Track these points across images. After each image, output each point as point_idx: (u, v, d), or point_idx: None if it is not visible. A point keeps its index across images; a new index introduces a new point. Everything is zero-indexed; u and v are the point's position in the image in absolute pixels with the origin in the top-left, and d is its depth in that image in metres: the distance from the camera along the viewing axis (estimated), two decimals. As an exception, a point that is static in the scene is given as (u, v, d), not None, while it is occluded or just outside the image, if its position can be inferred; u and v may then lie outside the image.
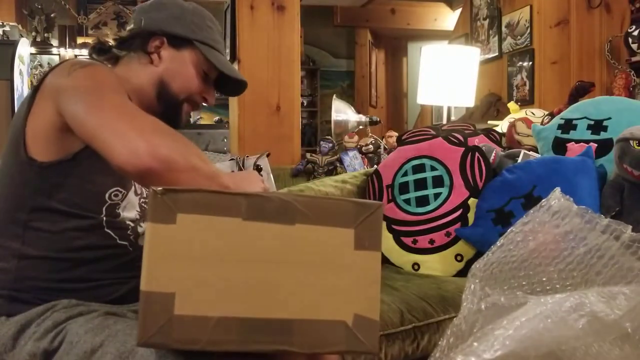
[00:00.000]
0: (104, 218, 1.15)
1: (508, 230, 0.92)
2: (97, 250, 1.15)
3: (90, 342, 0.99)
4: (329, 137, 3.21)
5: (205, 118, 6.92)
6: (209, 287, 0.84)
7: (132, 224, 1.20)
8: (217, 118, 6.90)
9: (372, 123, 3.29)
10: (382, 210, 0.90)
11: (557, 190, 0.94)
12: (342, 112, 3.26)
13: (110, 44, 1.30)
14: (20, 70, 4.17)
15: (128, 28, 1.30)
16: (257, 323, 0.85)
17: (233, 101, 3.50)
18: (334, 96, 3.35)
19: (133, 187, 1.19)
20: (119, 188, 1.16)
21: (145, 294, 0.82)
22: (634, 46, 3.62)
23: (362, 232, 0.88)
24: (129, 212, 1.19)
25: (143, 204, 1.23)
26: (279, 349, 0.86)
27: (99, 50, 1.31)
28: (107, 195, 1.15)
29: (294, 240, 0.86)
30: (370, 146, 3.08)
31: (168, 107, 1.26)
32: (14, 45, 4.09)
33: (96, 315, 1.06)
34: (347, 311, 0.87)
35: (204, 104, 1.34)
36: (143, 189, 1.22)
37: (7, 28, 4.54)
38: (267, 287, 0.85)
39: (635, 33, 3.61)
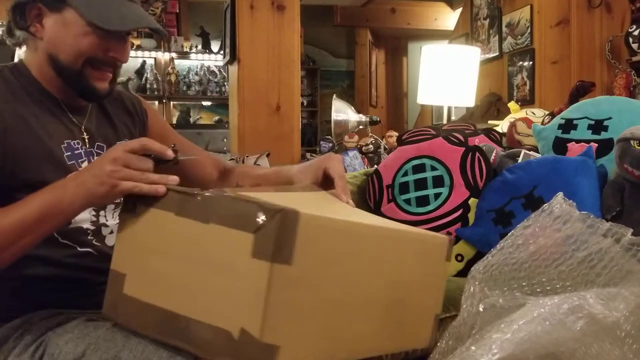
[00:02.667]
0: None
1: (509, 234, 0.92)
2: (59, 264, 1.11)
3: (72, 353, 0.96)
4: (329, 137, 3.21)
5: (205, 118, 6.92)
6: (146, 274, 0.92)
7: (91, 227, 1.15)
8: (217, 118, 6.90)
9: (372, 123, 3.29)
10: (293, 218, 0.78)
11: (560, 195, 0.93)
12: (342, 112, 3.26)
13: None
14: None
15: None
16: (171, 316, 0.87)
17: (233, 101, 3.49)
18: (334, 96, 3.34)
19: None
20: None
21: (111, 271, 0.95)
22: (635, 46, 3.61)
23: (262, 238, 0.78)
24: (81, 214, 1.09)
25: None
26: (182, 347, 0.87)
27: (9, 31, 1.18)
28: None
29: (204, 240, 0.86)
30: (371, 146, 3.08)
31: (72, 82, 1.13)
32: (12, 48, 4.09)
33: (75, 324, 1.02)
34: (234, 322, 0.80)
35: (117, 62, 1.16)
36: None
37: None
38: (180, 283, 0.88)
39: (636, 33, 3.60)
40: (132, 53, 6.36)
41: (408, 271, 1.01)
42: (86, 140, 1.18)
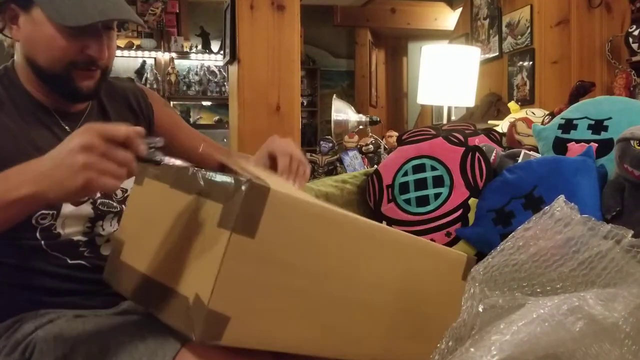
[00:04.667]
0: (43, 242, 1.06)
1: (509, 236, 0.92)
2: (49, 275, 1.08)
3: (61, 348, 0.95)
4: (329, 137, 3.20)
5: (205, 118, 6.92)
6: (138, 242, 0.98)
7: (83, 238, 1.10)
8: (217, 118, 6.90)
9: (372, 123, 3.28)
10: (262, 192, 0.78)
11: (561, 197, 0.93)
12: (342, 112, 3.25)
13: None
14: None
15: None
16: (150, 283, 0.91)
17: (233, 101, 3.49)
18: (334, 96, 3.34)
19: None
20: (43, 211, 1.04)
21: (114, 238, 1.06)
22: (635, 46, 3.61)
23: (228, 208, 0.79)
24: (71, 227, 1.08)
25: (100, 206, 1.12)
26: (154, 314, 0.89)
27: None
28: (33, 221, 1.04)
29: (186, 210, 0.89)
30: (371, 146, 3.07)
31: (54, 84, 1.06)
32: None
33: (64, 321, 1.01)
34: (193, 288, 0.80)
35: (96, 61, 1.06)
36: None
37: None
38: (161, 252, 0.92)
39: (636, 33, 3.60)
40: (132, 53, 6.37)
41: (420, 282, 1.01)
42: None
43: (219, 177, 0.85)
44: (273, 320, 0.84)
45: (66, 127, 1.12)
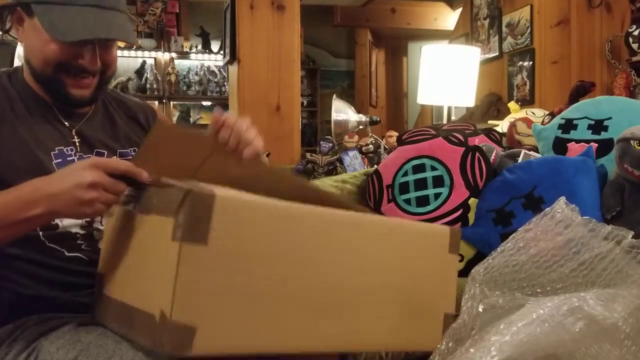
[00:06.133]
0: (41, 233, 1.08)
1: (510, 237, 0.92)
2: (47, 267, 1.09)
3: (64, 359, 0.96)
4: (329, 137, 3.20)
5: (205, 118, 6.91)
6: (112, 270, 0.99)
7: (81, 231, 1.12)
8: (217, 118, 6.89)
9: (372, 123, 3.28)
10: (207, 198, 0.79)
11: (562, 199, 0.93)
12: (342, 112, 3.25)
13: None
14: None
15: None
16: (123, 308, 0.92)
17: (233, 101, 3.49)
18: (334, 96, 3.34)
19: None
20: None
21: (97, 274, 1.03)
22: (635, 46, 3.61)
23: (178, 220, 0.80)
24: (70, 219, 1.10)
25: None
26: (130, 337, 0.92)
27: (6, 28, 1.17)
28: None
29: (145, 230, 0.91)
30: (371, 146, 3.07)
31: (46, 87, 1.13)
32: (13, 45, 4.10)
33: (67, 330, 1.02)
34: (156, 305, 0.81)
35: (87, 70, 1.11)
36: None
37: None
38: (130, 275, 0.94)
39: (636, 33, 3.60)
40: (132, 53, 6.37)
41: (402, 263, 0.98)
42: (77, 144, 1.16)
43: (167, 191, 0.86)
44: (241, 324, 0.84)
45: (65, 123, 1.17)
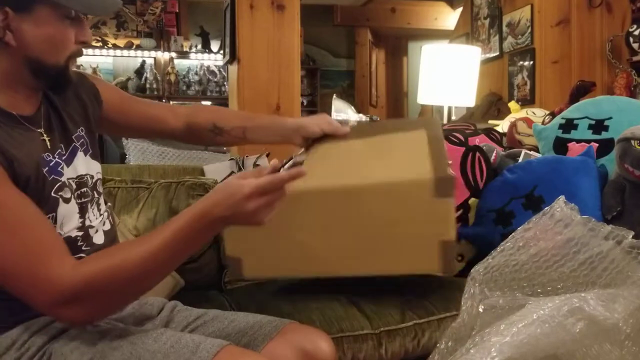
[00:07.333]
0: None
1: (509, 236, 0.91)
2: None
3: None
4: (329, 136, 3.19)
5: (206, 118, 6.90)
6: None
7: (79, 233, 1.11)
8: (217, 118, 6.89)
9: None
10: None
11: (561, 198, 0.93)
12: (342, 111, 3.25)
13: None
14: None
15: None
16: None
17: (233, 101, 3.49)
18: (334, 96, 3.33)
19: (60, 199, 1.07)
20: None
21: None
22: (635, 46, 3.60)
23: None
24: (69, 224, 1.09)
25: (78, 200, 1.11)
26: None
27: None
28: None
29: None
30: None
31: (52, 78, 1.09)
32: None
33: (79, 332, 1.01)
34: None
35: (87, 46, 1.13)
36: (72, 182, 1.10)
37: None
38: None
39: (636, 32, 3.60)
40: (132, 53, 6.37)
41: (388, 213, 1.18)
42: (49, 146, 1.10)
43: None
44: (274, 254, 1.25)
45: (35, 130, 1.10)
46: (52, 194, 1.05)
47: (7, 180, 0.96)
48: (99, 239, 1.15)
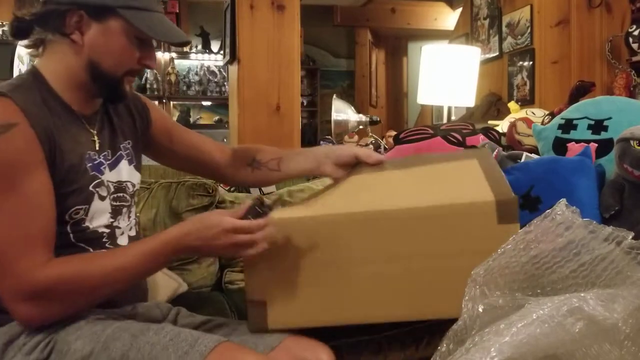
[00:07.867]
0: (71, 234, 1.12)
1: (510, 238, 0.91)
2: None
3: (81, 351, 1.00)
4: (329, 137, 3.21)
5: (205, 118, 6.91)
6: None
7: (106, 230, 1.17)
8: (217, 118, 6.90)
9: (372, 123, 3.28)
10: None
11: (563, 201, 0.93)
12: (342, 111, 3.25)
13: (28, 19, 1.12)
14: (20, 70, 4.17)
15: (42, 0, 1.11)
16: None
17: (233, 101, 3.49)
18: (334, 96, 3.34)
19: (96, 195, 1.14)
20: (78, 207, 1.11)
21: None
22: (635, 46, 3.61)
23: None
24: (99, 220, 1.15)
25: (114, 202, 1.18)
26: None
27: (20, 30, 1.14)
28: (67, 216, 1.10)
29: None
30: (371, 146, 3.08)
31: (107, 87, 1.16)
32: (13, 45, 4.10)
33: (84, 323, 1.05)
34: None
35: (149, 69, 1.23)
36: (110, 184, 1.17)
37: (6, 28, 4.54)
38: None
39: (636, 33, 3.60)
40: (132, 53, 6.37)
41: (445, 245, 1.08)
42: (97, 147, 1.18)
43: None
44: (300, 299, 1.12)
45: (90, 129, 1.19)
46: (90, 188, 1.12)
47: (37, 167, 1.03)
48: (123, 241, 1.20)
